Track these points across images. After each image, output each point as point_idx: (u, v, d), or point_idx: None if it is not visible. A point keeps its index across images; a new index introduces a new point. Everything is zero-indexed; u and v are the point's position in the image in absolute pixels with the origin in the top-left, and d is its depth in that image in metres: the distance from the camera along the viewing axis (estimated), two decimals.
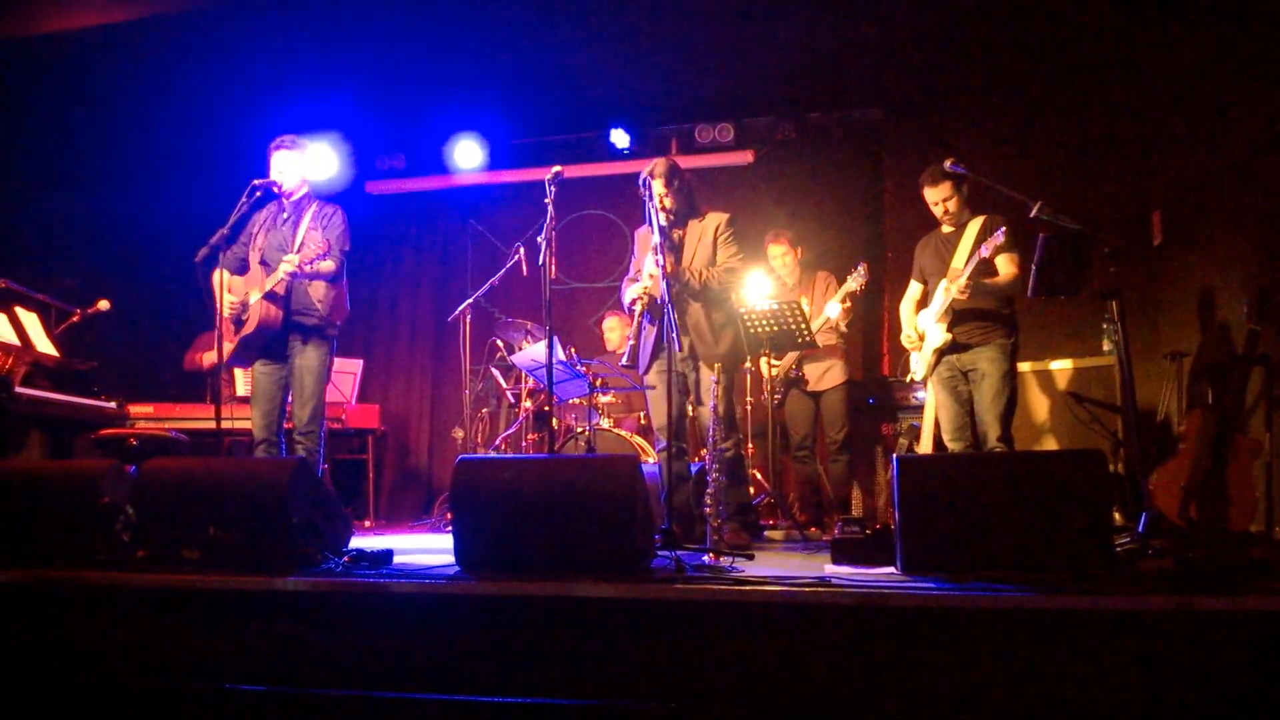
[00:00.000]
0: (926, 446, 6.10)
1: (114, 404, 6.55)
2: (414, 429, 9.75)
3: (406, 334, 9.92)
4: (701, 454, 6.60)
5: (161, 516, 4.10)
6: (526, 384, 7.77)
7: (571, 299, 9.35)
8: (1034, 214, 4.87)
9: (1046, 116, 7.82)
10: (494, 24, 7.30)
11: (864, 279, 6.67)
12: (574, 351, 7.62)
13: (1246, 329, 5.27)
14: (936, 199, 5.63)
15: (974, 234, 5.46)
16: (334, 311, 5.42)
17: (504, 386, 8.20)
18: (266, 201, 5.54)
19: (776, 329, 6.23)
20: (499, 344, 8.02)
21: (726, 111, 8.87)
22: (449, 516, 6.46)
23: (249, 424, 5.60)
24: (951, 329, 5.46)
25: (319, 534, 4.07)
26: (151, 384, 8.53)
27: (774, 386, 6.96)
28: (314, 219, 5.42)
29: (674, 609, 3.34)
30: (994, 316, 5.43)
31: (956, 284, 5.32)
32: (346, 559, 4.05)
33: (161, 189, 9.46)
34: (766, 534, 6.19)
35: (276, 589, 3.66)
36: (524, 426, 7.78)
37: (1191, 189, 6.50)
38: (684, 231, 5.50)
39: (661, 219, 5.32)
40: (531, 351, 7.05)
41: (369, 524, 8.20)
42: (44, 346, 6.33)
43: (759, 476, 7.12)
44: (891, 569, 3.76)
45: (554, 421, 6.21)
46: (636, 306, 5.25)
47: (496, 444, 8.04)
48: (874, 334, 8.37)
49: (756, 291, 6.86)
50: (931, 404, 5.91)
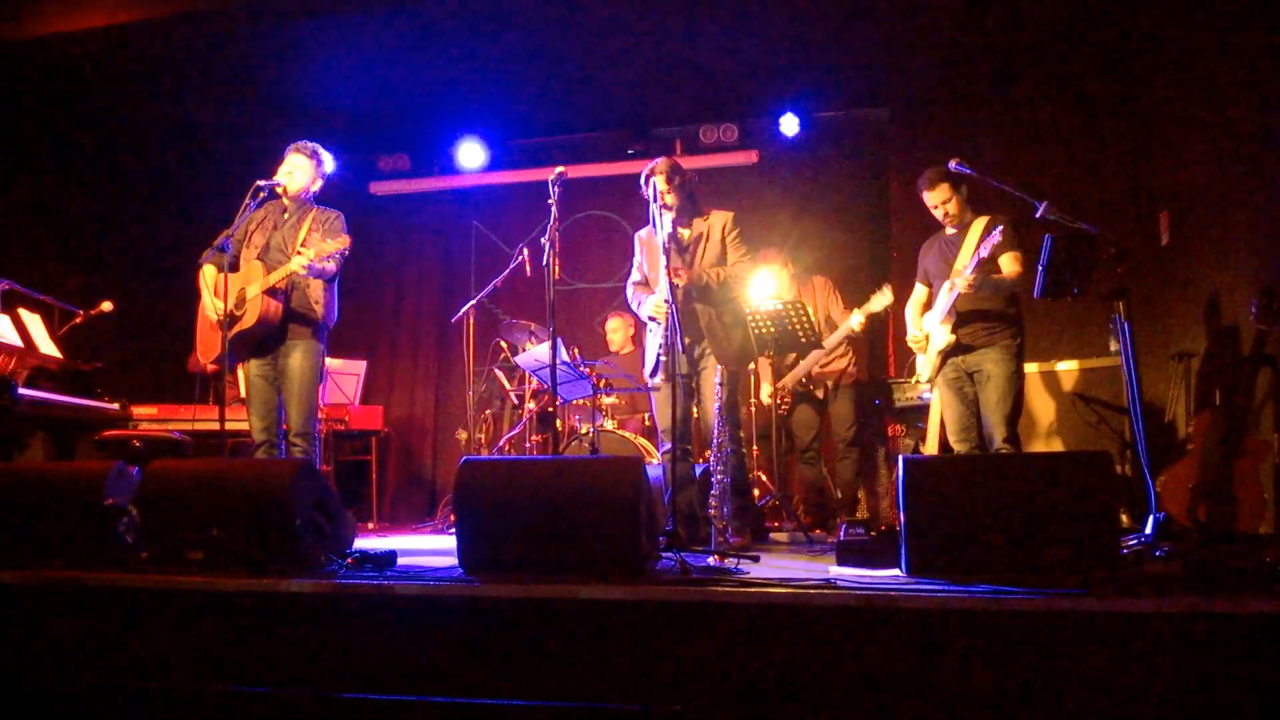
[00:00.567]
0: (932, 448, 6.08)
1: (117, 405, 6.55)
2: (417, 430, 9.74)
3: (410, 335, 9.91)
4: (705, 455, 6.60)
5: (165, 518, 4.09)
6: (530, 385, 7.76)
7: (575, 299, 9.33)
8: (1040, 214, 4.85)
9: (1053, 116, 7.79)
10: (497, 24, 7.29)
11: (889, 301, 6.60)
12: (577, 352, 7.61)
13: (1254, 329, 5.23)
14: (935, 202, 5.60)
15: (977, 235, 5.43)
16: (328, 314, 5.42)
17: (508, 388, 8.19)
18: (267, 201, 5.53)
19: (780, 329, 6.21)
20: (502, 345, 8.01)
21: (730, 111, 8.86)
22: (452, 518, 6.44)
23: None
24: (956, 330, 5.43)
25: (322, 536, 4.05)
26: (154, 385, 8.51)
27: (782, 396, 6.96)
28: (315, 222, 5.42)
29: (678, 611, 3.32)
30: (999, 317, 5.40)
31: (962, 279, 5.29)
32: (350, 561, 4.04)
33: (165, 190, 9.45)
34: (771, 536, 6.17)
35: (280, 590, 3.64)
36: (528, 428, 7.77)
37: (1199, 189, 6.47)
38: (689, 230, 5.49)
39: (667, 217, 5.32)
40: (535, 352, 7.03)
41: (372, 526, 8.19)
42: (47, 348, 6.33)
43: (763, 478, 7.10)
44: (897, 571, 3.74)
45: (558, 423, 6.20)
46: (658, 318, 5.19)
47: (500, 445, 8.03)
48: (879, 336, 8.34)
49: (760, 291, 6.83)
50: (937, 405, 5.89)
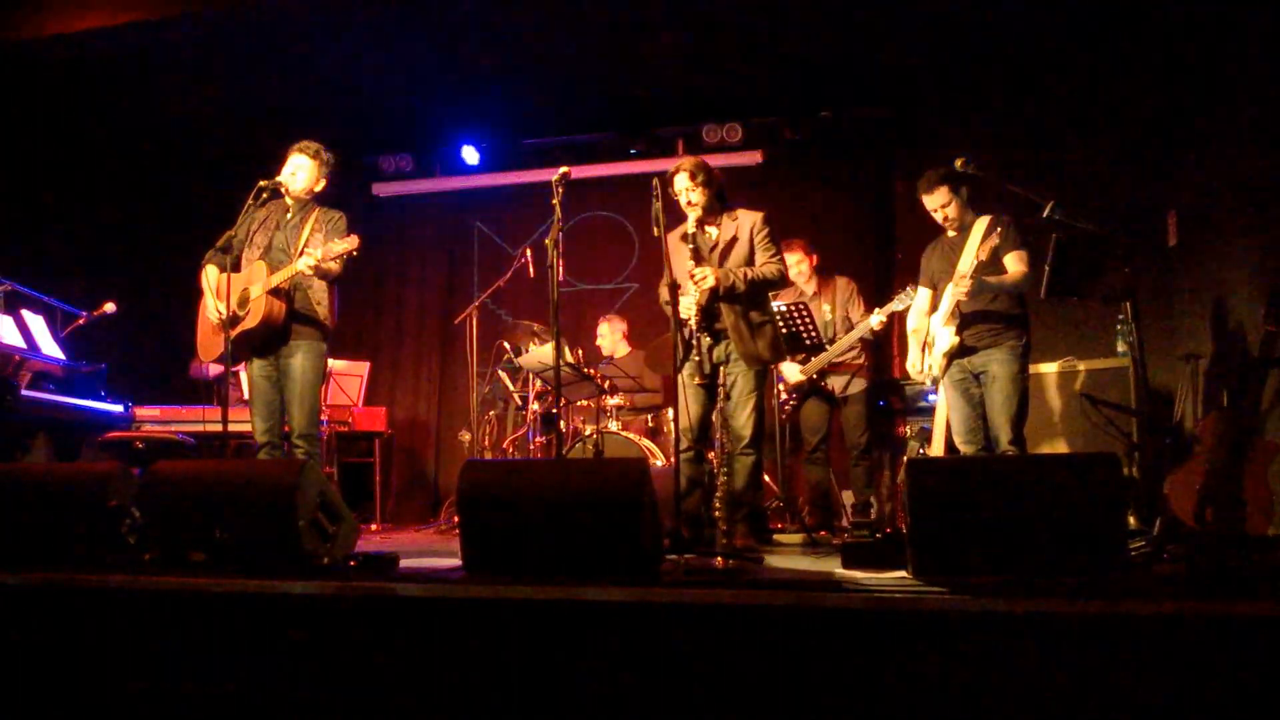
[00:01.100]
0: (938, 449, 6.06)
1: (120, 407, 6.55)
2: (420, 432, 9.75)
3: (413, 337, 9.92)
4: (710, 457, 6.58)
5: (168, 519, 4.08)
6: (534, 386, 7.75)
7: (578, 301, 9.32)
8: (1047, 214, 4.83)
9: (1059, 115, 7.77)
10: (501, 25, 7.28)
11: (910, 300, 6.56)
12: (581, 354, 7.60)
13: (1263, 330, 5.20)
14: (934, 206, 5.57)
15: (979, 235, 5.40)
16: (331, 314, 5.41)
17: (511, 389, 8.18)
18: (270, 202, 5.52)
19: (785, 330, 6.19)
20: (506, 346, 8.00)
21: (735, 111, 8.84)
22: (456, 520, 6.43)
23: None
24: (961, 332, 5.40)
25: (325, 537, 4.04)
26: (157, 387, 8.52)
27: (789, 392, 6.95)
28: (318, 222, 5.41)
29: (683, 613, 3.31)
30: (1004, 318, 5.37)
31: (959, 287, 5.27)
32: (353, 563, 4.03)
33: (167, 191, 9.46)
34: (775, 538, 6.15)
35: (283, 592, 3.63)
36: (531, 429, 7.75)
37: (1207, 189, 6.45)
38: (718, 228, 5.45)
39: (692, 217, 5.31)
40: (538, 354, 7.03)
41: (376, 527, 8.18)
42: (50, 349, 6.33)
43: (767, 480, 7.08)
44: (902, 573, 3.72)
45: (561, 424, 6.18)
46: (690, 320, 5.15)
47: (504, 447, 8.02)
48: (885, 337, 8.31)
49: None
50: (943, 406, 5.86)
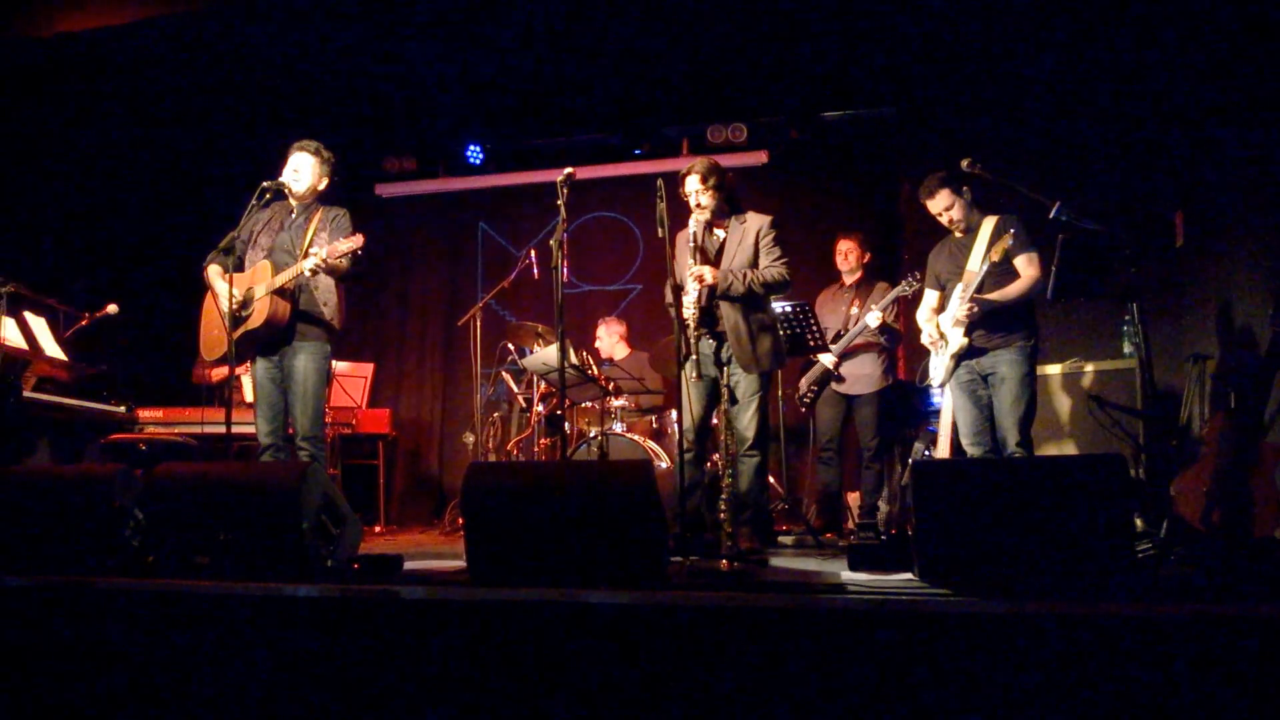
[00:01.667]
0: (943, 451, 6.04)
1: (123, 408, 6.53)
2: (425, 434, 9.74)
3: (417, 338, 9.90)
4: (714, 459, 6.56)
5: (171, 521, 4.08)
6: (538, 388, 7.73)
7: (583, 302, 9.30)
8: (1054, 215, 4.81)
9: (1065, 115, 7.75)
10: (504, 25, 7.28)
11: (916, 285, 6.60)
12: (586, 355, 7.58)
13: (1270, 332, 5.20)
14: (938, 209, 5.56)
15: (987, 235, 5.39)
16: (336, 314, 5.39)
17: (515, 391, 8.17)
18: (274, 202, 5.51)
19: (788, 333, 6.18)
20: (510, 347, 7.99)
21: (740, 111, 8.83)
22: (460, 522, 6.43)
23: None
24: (969, 333, 5.39)
25: (329, 539, 4.04)
26: (160, 388, 8.51)
27: (809, 384, 6.97)
28: (322, 221, 5.39)
29: (688, 615, 3.29)
30: (1013, 320, 5.35)
31: (964, 306, 5.26)
32: (356, 565, 4.02)
33: (170, 191, 9.45)
34: (780, 539, 6.14)
35: (286, 595, 3.62)
36: (536, 431, 7.74)
37: (1214, 190, 6.43)
38: (725, 230, 5.43)
39: (700, 217, 5.30)
40: (543, 355, 7.01)
41: (379, 529, 8.17)
42: (53, 351, 6.32)
43: (772, 481, 7.07)
44: (909, 575, 3.72)
45: (566, 426, 6.16)
46: (689, 320, 5.13)
47: (508, 449, 8.01)
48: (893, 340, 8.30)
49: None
50: (948, 408, 5.85)
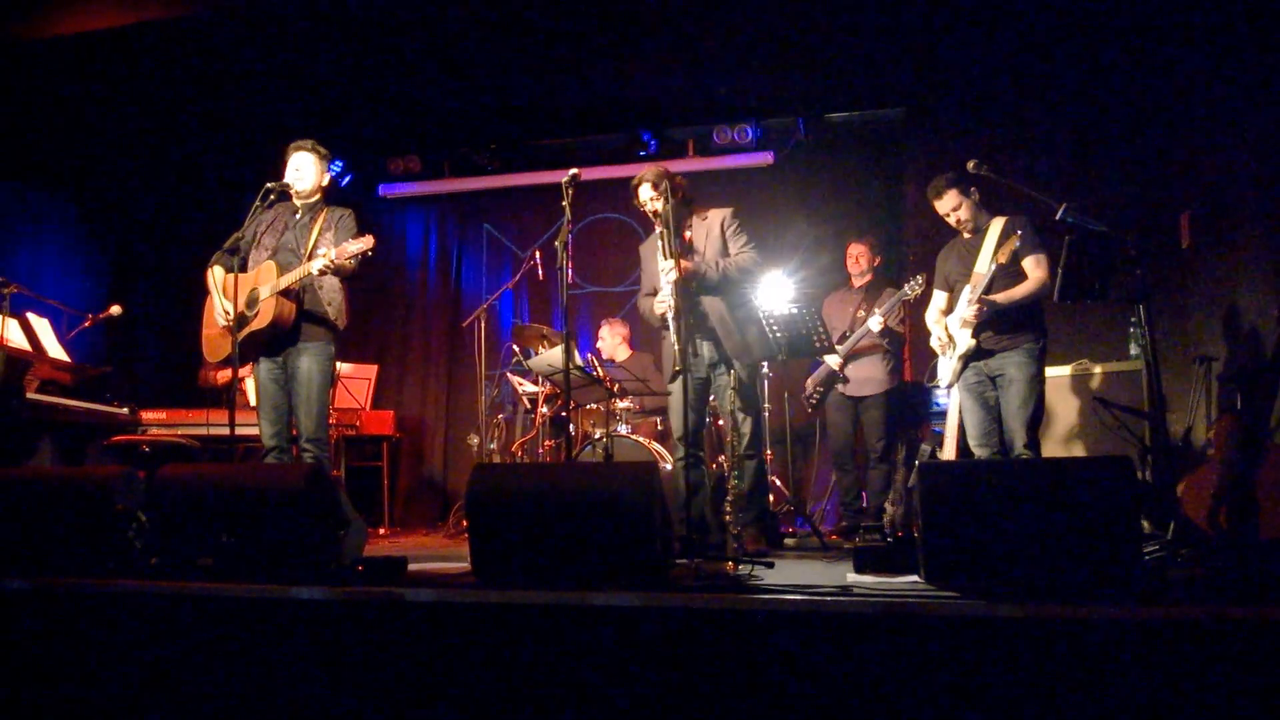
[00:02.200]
0: (950, 453, 6.02)
1: (126, 410, 6.53)
2: (429, 435, 9.72)
3: (421, 339, 9.90)
4: (719, 460, 6.55)
5: (174, 523, 4.08)
6: (543, 389, 7.73)
7: (588, 303, 9.29)
8: (1060, 216, 4.80)
9: (1072, 116, 7.74)
10: (509, 26, 7.27)
11: (920, 289, 6.66)
12: (591, 357, 7.57)
13: (1277, 333, 5.18)
14: (946, 210, 5.56)
15: (995, 236, 5.39)
16: (340, 315, 5.38)
17: (520, 392, 8.16)
18: (278, 203, 5.50)
19: (792, 334, 6.17)
20: (515, 349, 7.98)
21: (746, 112, 8.82)
22: (464, 524, 6.41)
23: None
24: (977, 335, 5.37)
25: (333, 541, 4.03)
26: (163, 390, 8.51)
27: (815, 385, 6.97)
28: (327, 222, 5.38)
29: (693, 618, 3.29)
30: (1021, 321, 5.34)
31: (972, 308, 5.25)
32: (361, 567, 4.01)
33: (173, 192, 9.46)
34: (786, 542, 6.13)
35: (290, 597, 3.62)
36: (540, 432, 7.73)
37: (1220, 191, 6.42)
38: (689, 232, 5.49)
39: (657, 224, 5.36)
40: (547, 356, 7.00)
41: (384, 531, 8.16)
42: (56, 352, 6.32)
43: (778, 483, 7.06)
44: (915, 578, 3.70)
45: (571, 427, 6.16)
46: (669, 315, 5.15)
47: (513, 450, 8.00)
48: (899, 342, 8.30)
49: (776, 296, 6.80)
50: (955, 410, 5.83)
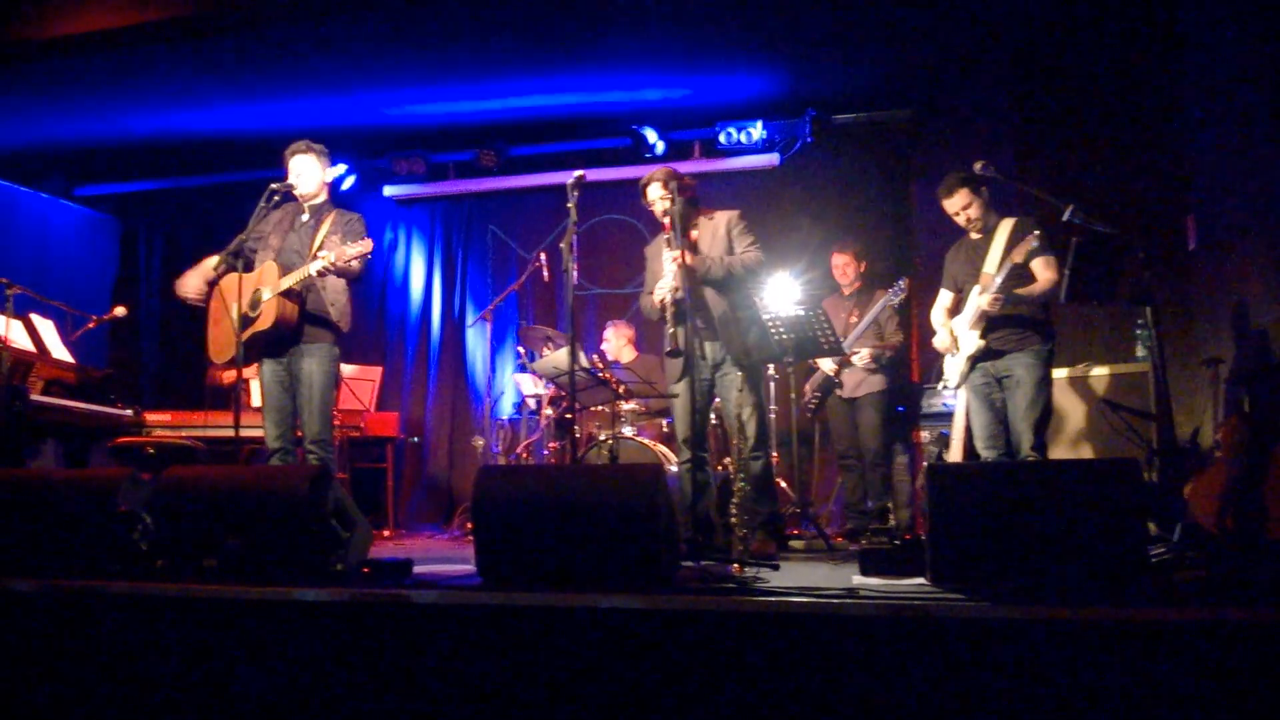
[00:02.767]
0: (956, 455, 6.00)
1: (130, 412, 6.53)
2: (434, 437, 9.72)
3: (426, 341, 9.90)
4: (725, 462, 6.54)
5: (180, 525, 4.08)
6: (548, 391, 7.72)
7: (593, 305, 9.29)
8: (1066, 217, 4.80)
9: (1078, 118, 7.72)
10: (513, 26, 7.26)
11: (904, 294, 6.70)
12: (596, 359, 7.57)
13: None
14: (955, 209, 5.54)
15: (1004, 237, 5.37)
16: (344, 317, 5.38)
17: (524, 394, 8.16)
18: (283, 204, 5.51)
19: (801, 335, 6.16)
20: (520, 351, 7.98)
21: (751, 113, 8.81)
22: (469, 526, 6.41)
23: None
24: (985, 335, 5.36)
25: (338, 543, 4.02)
26: (168, 391, 8.52)
27: (812, 390, 6.96)
28: (334, 224, 5.38)
29: (699, 620, 3.28)
30: (1030, 322, 5.33)
31: (988, 294, 5.24)
32: (366, 569, 4.01)
33: (178, 193, 9.47)
34: (792, 544, 6.12)
35: (295, 599, 3.62)
36: (545, 434, 7.72)
37: (1226, 192, 6.40)
38: (695, 232, 5.53)
39: (665, 225, 5.39)
40: (553, 359, 6.99)
41: (388, 534, 8.15)
42: (60, 354, 6.33)
43: (783, 485, 7.04)
44: (921, 580, 3.69)
45: (576, 429, 6.17)
46: (667, 302, 5.18)
47: (518, 452, 7.99)
48: (904, 343, 8.27)
49: (782, 297, 6.79)
50: (961, 412, 5.82)
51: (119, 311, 6.73)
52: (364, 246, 5.10)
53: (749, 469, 5.18)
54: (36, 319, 6.34)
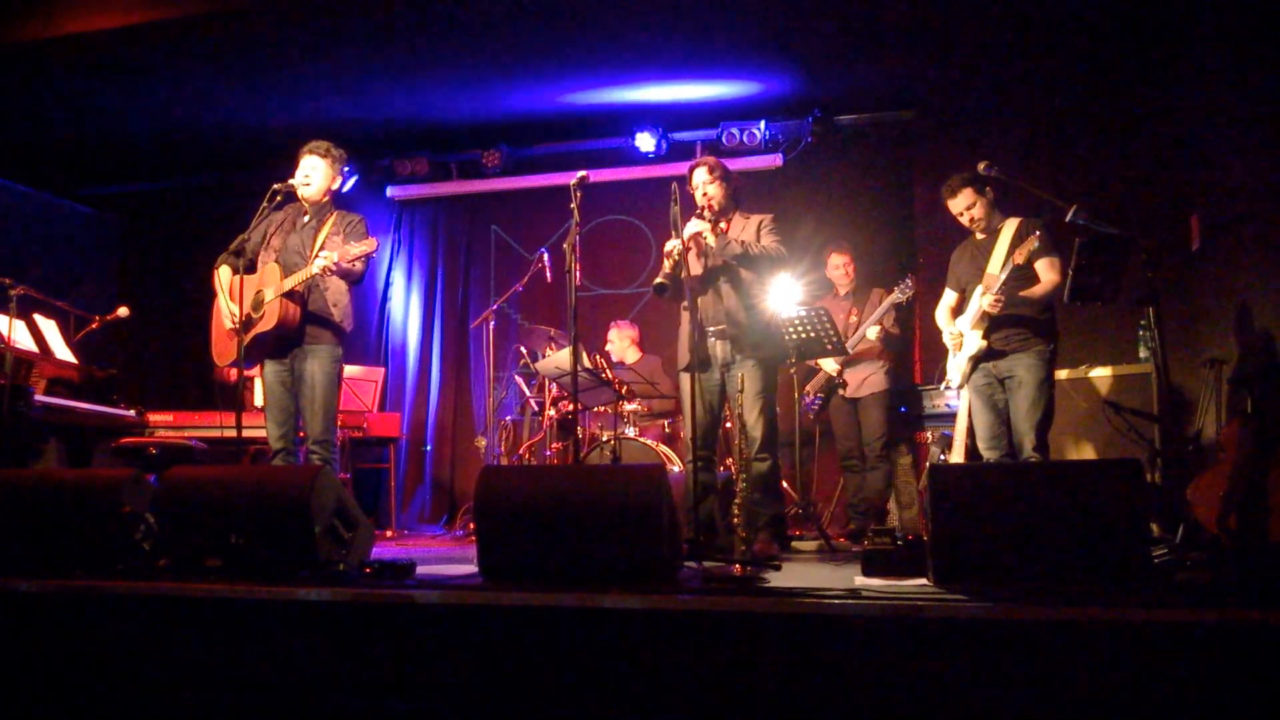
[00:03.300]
0: (958, 455, 6.00)
1: (133, 412, 6.53)
2: (436, 438, 9.72)
3: (428, 341, 9.90)
4: (728, 462, 6.54)
5: (182, 525, 4.08)
6: (550, 392, 7.72)
7: (596, 305, 9.28)
8: (1070, 218, 4.79)
9: (1082, 118, 7.71)
10: (516, 27, 7.26)
11: (911, 291, 6.70)
12: (599, 359, 7.57)
13: None
14: (960, 209, 5.54)
15: (1009, 238, 5.37)
16: (346, 317, 5.38)
17: (527, 394, 8.16)
18: (286, 204, 5.51)
19: (804, 336, 6.16)
20: (522, 351, 7.98)
21: (754, 114, 8.81)
22: (472, 526, 6.41)
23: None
24: (988, 336, 5.36)
25: (341, 543, 4.03)
26: (171, 392, 8.51)
27: (815, 391, 6.96)
28: (335, 225, 5.38)
29: (701, 620, 3.28)
30: (1033, 323, 5.33)
31: (989, 295, 5.24)
32: (369, 569, 4.01)
33: (181, 193, 9.46)
34: (795, 545, 6.11)
35: (298, 599, 3.61)
36: (548, 435, 7.72)
37: (1231, 192, 6.39)
38: (729, 224, 5.55)
39: (703, 204, 5.45)
40: (555, 359, 7.00)
41: (391, 534, 8.15)
42: (63, 354, 6.33)
43: (785, 485, 7.04)
44: (923, 581, 3.69)
45: (578, 430, 6.16)
46: (677, 251, 5.21)
47: (520, 453, 7.99)
48: (905, 342, 8.26)
49: (785, 298, 6.79)
50: (964, 412, 5.82)
51: (122, 312, 6.73)
52: (368, 246, 5.10)
53: (753, 470, 5.17)
54: (40, 319, 6.34)
